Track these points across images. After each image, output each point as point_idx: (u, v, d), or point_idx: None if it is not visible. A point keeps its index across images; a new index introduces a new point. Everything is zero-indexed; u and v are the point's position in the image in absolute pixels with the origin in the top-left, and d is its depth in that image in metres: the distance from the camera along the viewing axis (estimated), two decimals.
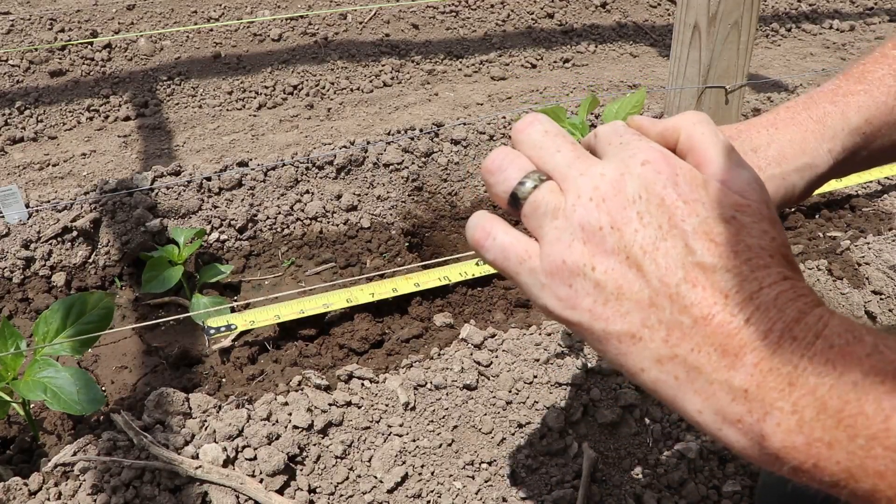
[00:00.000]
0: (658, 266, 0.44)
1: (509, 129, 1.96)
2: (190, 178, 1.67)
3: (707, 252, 0.44)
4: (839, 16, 3.43)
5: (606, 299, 0.45)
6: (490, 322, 1.45)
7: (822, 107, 0.69)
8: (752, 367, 0.41)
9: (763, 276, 0.43)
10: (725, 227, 0.45)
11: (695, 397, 0.43)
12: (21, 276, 1.52)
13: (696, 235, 0.44)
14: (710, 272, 0.43)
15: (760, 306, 0.42)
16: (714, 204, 0.46)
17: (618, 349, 0.45)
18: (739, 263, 0.44)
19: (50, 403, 0.99)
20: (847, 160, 0.69)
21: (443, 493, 0.96)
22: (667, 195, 0.45)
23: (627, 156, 0.47)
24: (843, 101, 0.68)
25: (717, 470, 1.03)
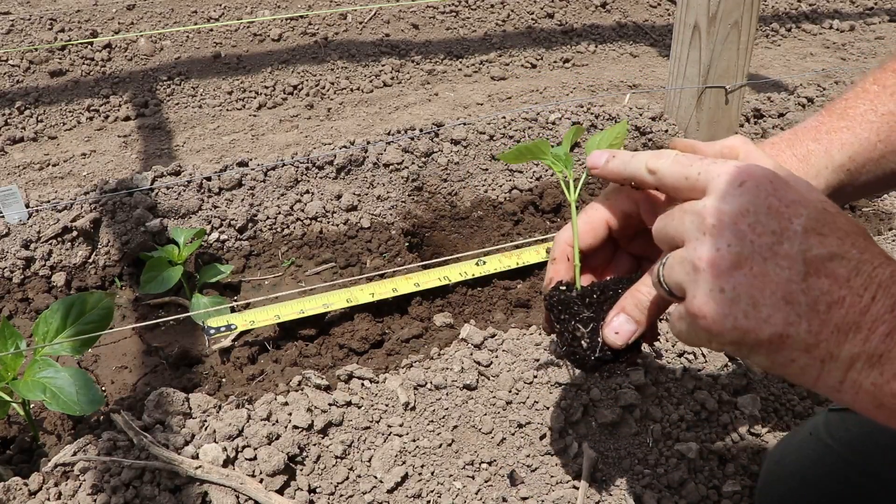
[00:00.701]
0: (781, 268, 0.49)
1: (509, 129, 1.96)
2: (190, 178, 1.67)
3: (820, 245, 0.49)
4: (839, 16, 3.43)
5: (745, 312, 0.49)
6: (490, 322, 1.45)
7: (805, 144, 0.70)
8: (883, 337, 0.47)
9: (870, 256, 0.49)
10: (825, 218, 0.50)
11: (837, 373, 0.49)
12: (21, 276, 1.52)
13: (807, 232, 0.49)
14: (828, 261, 0.48)
15: (881, 284, 0.48)
16: (807, 201, 0.50)
17: (771, 351, 0.50)
18: (847, 248, 0.49)
19: (49, 404, 0.99)
20: (832, 197, 0.70)
21: (443, 493, 0.96)
22: (771, 203, 0.50)
23: (723, 181, 0.52)
24: (827, 139, 0.70)
25: (717, 470, 1.03)
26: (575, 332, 0.69)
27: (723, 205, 0.50)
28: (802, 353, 0.49)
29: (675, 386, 1.10)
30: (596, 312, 0.69)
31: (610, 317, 0.66)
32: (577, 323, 0.69)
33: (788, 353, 0.49)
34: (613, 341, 0.65)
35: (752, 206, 0.50)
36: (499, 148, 1.92)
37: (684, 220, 0.53)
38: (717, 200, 0.51)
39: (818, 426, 0.86)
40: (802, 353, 0.49)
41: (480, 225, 1.80)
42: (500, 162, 1.92)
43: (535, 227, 1.79)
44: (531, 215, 1.83)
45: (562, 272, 0.72)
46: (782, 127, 2.23)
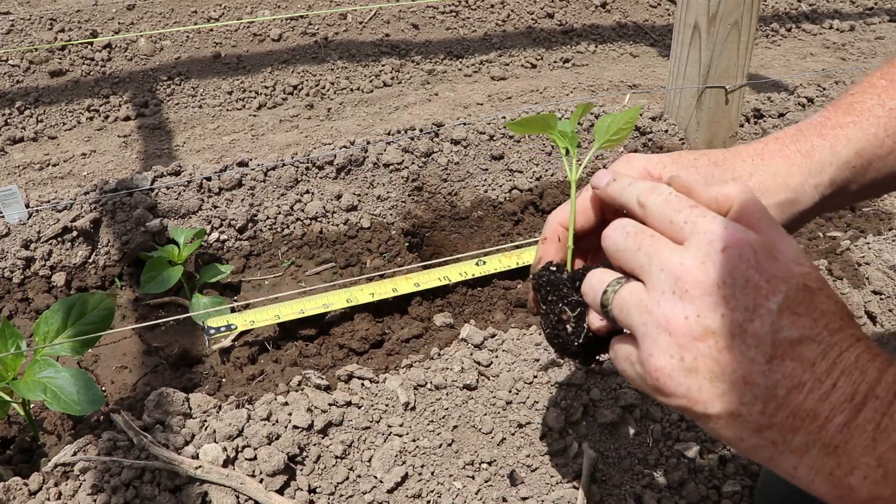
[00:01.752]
0: (748, 346, 0.47)
1: (509, 130, 1.96)
2: (190, 178, 1.67)
3: (792, 326, 0.47)
4: (839, 16, 3.43)
5: (700, 385, 0.48)
6: (490, 322, 1.45)
7: (810, 140, 0.68)
8: (840, 427, 0.45)
9: (840, 339, 0.47)
10: (803, 297, 0.48)
11: (791, 456, 0.47)
12: (21, 276, 1.52)
13: (782, 312, 0.47)
14: (797, 344, 0.47)
15: (845, 370, 0.46)
16: (788, 276, 0.48)
17: (718, 425, 0.49)
18: (819, 330, 0.47)
19: (50, 403, 0.99)
20: (837, 194, 0.68)
21: (443, 493, 0.96)
22: (750, 276, 0.48)
23: (705, 241, 0.50)
24: (832, 134, 0.67)
25: (717, 470, 1.03)
26: (561, 315, 0.68)
27: (700, 270, 0.48)
28: (753, 433, 0.48)
29: None
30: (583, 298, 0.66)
31: None
32: (564, 306, 0.68)
33: (738, 430, 0.48)
34: (599, 327, 0.64)
35: (729, 278, 0.48)
36: (499, 148, 1.92)
37: (653, 263, 0.51)
38: (695, 262, 0.49)
39: None
40: (752, 433, 0.48)
41: (480, 225, 1.80)
42: (500, 162, 1.92)
43: (535, 227, 1.79)
44: (531, 215, 1.83)
45: (551, 252, 0.71)
46: (782, 127, 2.23)
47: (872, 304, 1.26)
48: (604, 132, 0.73)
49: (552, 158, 1.93)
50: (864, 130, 0.67)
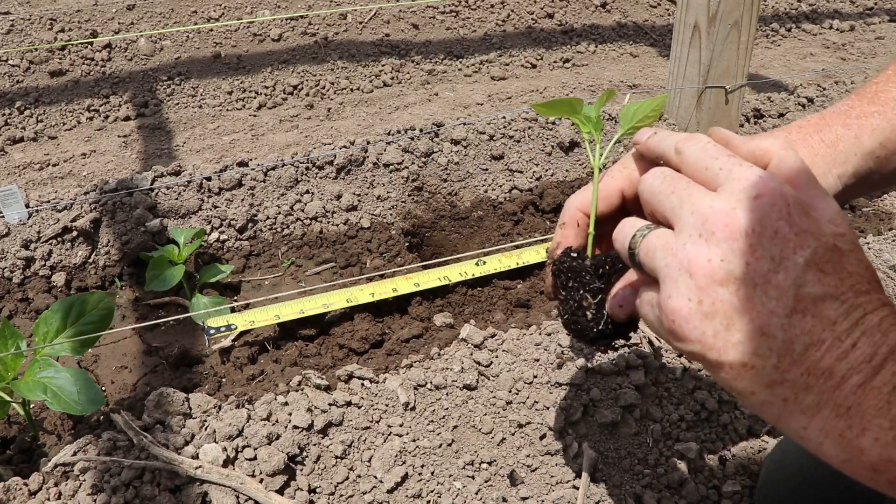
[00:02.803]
0: (769, 297, 0.46)
1: (509, 129, 1.96)
2: (190, 178, 1.67)
3: (817, 283, 0.46)
4: (839, 16, 3.43)
5: (716, 330, 0.47)
6: (490, 322, 1.45)
7: (834, 130, 0.67)
8: (855, 388, 0.44)
9: (865, 301, 0.46)
10: (831, 256, 0.47)
11: (801, 416, 0.46)
12: (21, 276, 1.52)
13: (808, 267, 0.46)
14: (820, 301, 0.46)
15: (866, 331, 0.45)
16: (819, 234, 0.47)
17: (729, 375, 0.48)
18: (845, 290, 0.46)
19: (50, 403, 0.99)
20: (859, 184, 0.68)
21: (443, 493, 0.96)
22: (780, 227, 0.47)
23: (738, 188, 0.49)
24: (857, 124, 0.67)
25: (717, 470, 1.03)
26: (582, 302, 0.67)
27: (729, 215, 0.48)
28: (763, 388, 0.47)
29: (675, 386, 1.10)
30: (605, 284, 0.67)
31: (616, 289, 0.64)
32: (585, 292, 0.67)
33: (749, 383, 0.47)
34: (617, 314, 0.64)
35: (758, 226, 0.47)
36: (499, 148, 1.92)
37: (683, 206, 0.50)
38: (725, 207, 0.48)
39: None
40: (764, 387, 0.47)
41: (480, 225, 1.80)
42: (500, 162, 1.92)
43: (535, 227, 1.79)
44: (531, 215, 1.83)
45: (570, 238, 0.70)
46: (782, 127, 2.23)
47: None
48: (629, 119, 0.73)
49: (552, 158, 1.93)
50: (888, 120, 0.67)
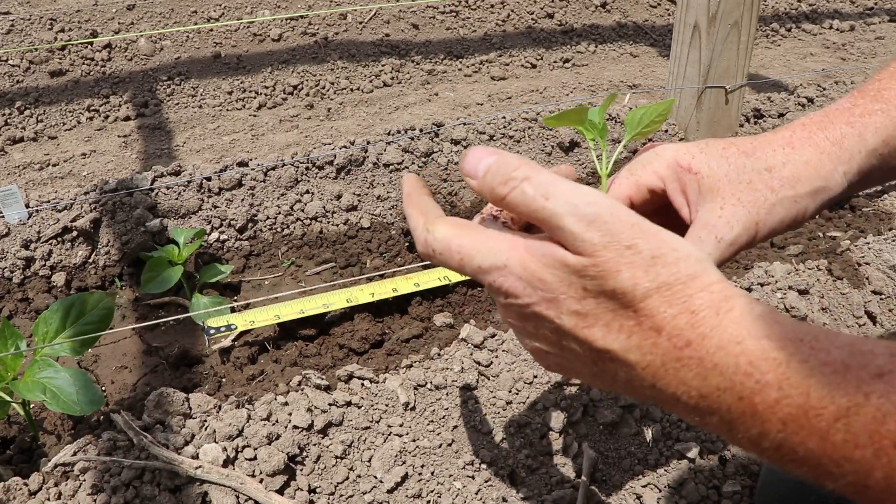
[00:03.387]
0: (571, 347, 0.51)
1: (509, 129, 1.96)
2: (190, 178, 1.67)
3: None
4: (839, 16, 3.43)
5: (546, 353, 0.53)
6: (490, 322, 1.45)
7: (838, 128, 0.68)
8: None
9: None
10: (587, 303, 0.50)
11: None
12: (21, 276, 1.52)
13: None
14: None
15: None
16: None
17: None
18: None
19: (49, 404, 0.99)
20: (862, 181, 0.68)
21: (443, 493, 0.96)
22: None
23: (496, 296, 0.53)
24: (861, 122, 0.67)
25: (717, 470, 1.03)
26: None
27: None
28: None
29: None
30: None
31: None
32: None
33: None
34: None
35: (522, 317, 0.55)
36: (498, 148, 1.92)
37: None
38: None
39: None
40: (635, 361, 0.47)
41: None
42: None
43: None
44: None
45: None
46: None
47: (872, 304, 1.26)
48: (635, 124, 0.72)
49: (552, 158, 1.93)
50: (891, 118, 0.67)
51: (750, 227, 0.64)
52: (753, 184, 0.64)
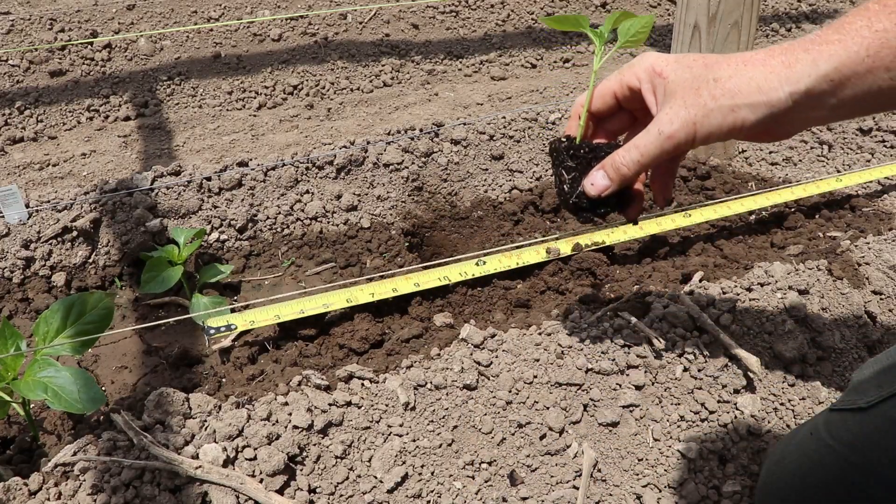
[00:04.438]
0: None
1: (509, 129, 1.96)
2: (190, 178, 1.67)
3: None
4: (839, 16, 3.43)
5: None
6: (490, 322, 1.45)
7: (796, 53, 0.75)
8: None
9: None
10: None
11: None
12: (21, 276, 1.52)
13: None
14: None
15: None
16: None
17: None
18: None
19: (51, 403, 0.99)
20: (814, 105, 0.75)
21: (443, 493, 0.96)
22: None
23: None
24: (817, 50, 0.73)
25: (717, 470, 1.03)
26: (560, 177, 0.88)
27: None
28: None
29: (675, 386, 1.10)
30: (580, 165, 0.87)
31: (593, 170, 0.85)
32: (561, 169, 0.88)
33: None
34: (588, 191, 0.85)
35: None
36: (499, 148, 1.92)
37: None
38: None
39: (818, 426, 0.86)
40: None
41: (480, 225, 1.80)
42: (500, 162, 1.92)
43: (535, 227, 1.79)
44: (531, 215, 1.83)
45: (573, 129, 0.91)
46: None
47: (872, 304, 1.26)
48: (625, 33, 0.92)
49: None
50: (846, 48, 0.71)
51: (688, 125, 0.78)
52: (700, 90, 0.77)
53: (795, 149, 2.15)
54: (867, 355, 1.19)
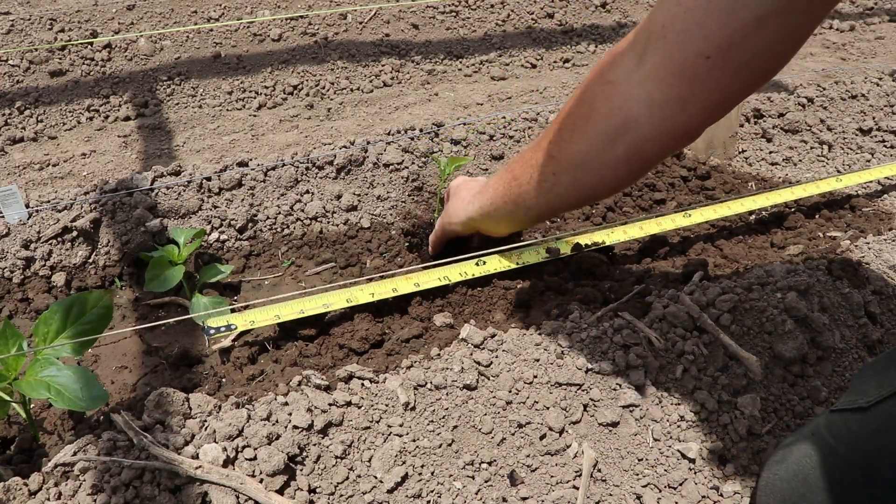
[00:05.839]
0: None
1: (509, 129, 1.96)
2: (190, 178, 1.67)
3: None
4: (839, 16, 3.43)
5: None
6: (490, 322, 1.44)
7: (476, 197, 1.44)
8: None
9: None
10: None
11: None
12: (21, 276, 1.52)
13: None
14: None
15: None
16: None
17: None
18: None
19: (54, 401, 0.99)
20: (483, 223, 1.44)
21: (443, 493, 0.96)
22: None
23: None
24: (479, 197, 1.42)
25: (717, 470, 1.03)
26: None
27: None
28: None
29: (674, 386, 1.10)
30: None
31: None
32: None
33: None
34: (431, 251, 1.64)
35: None
36: (499, 148, 1.92)
37: None
38: None
39: (820, 427, 0.86)
40: None
41: None
42: (500, 162, 1.91)
43: (535, 227, 1.79)
44: None
45: None
46: (782, 127, 2.23)
47: (872, 304, 1.26)
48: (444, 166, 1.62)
49: None
50: (486, 197, 1.37)
51: (439, 224, 1.57)
52: (446, 208, 1.52)
53: (795, 149, 2.15)
54: (867, 355, 1.19)
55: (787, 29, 0.86)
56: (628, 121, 1.01)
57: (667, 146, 1.04)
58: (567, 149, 1.11)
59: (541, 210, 1.24)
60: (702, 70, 0.90)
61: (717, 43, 0.87)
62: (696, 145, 2.08)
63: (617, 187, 1.16)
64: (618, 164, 1.06)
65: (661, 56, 0.93)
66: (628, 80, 0.99)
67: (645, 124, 1.00)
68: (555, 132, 1.14)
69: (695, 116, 0.97)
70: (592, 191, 1.16)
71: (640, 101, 0.98)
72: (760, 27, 0.84)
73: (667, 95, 0.95)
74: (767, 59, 0.90)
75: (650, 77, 0.96)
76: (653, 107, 0.97)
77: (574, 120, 1.10)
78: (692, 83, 0.92)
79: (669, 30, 0.91)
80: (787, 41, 0.88)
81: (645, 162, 1.07)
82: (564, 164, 1.13)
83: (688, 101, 0.94)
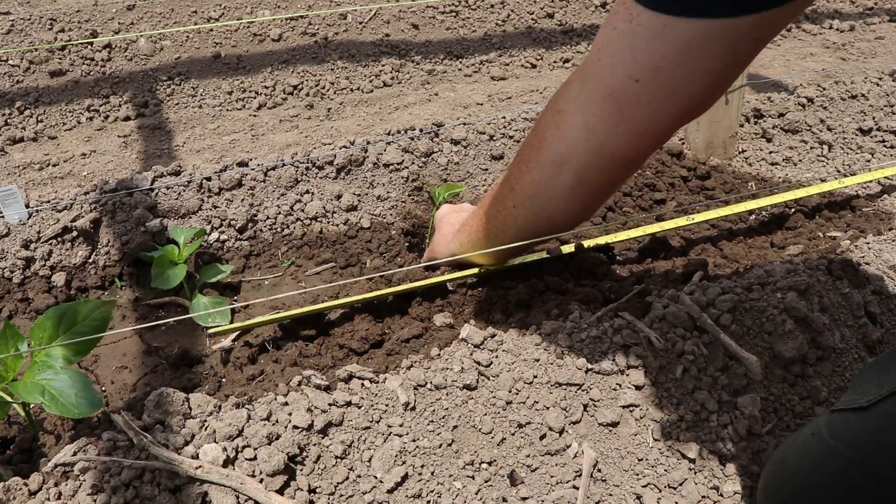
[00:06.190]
0: None
1: (509, 129, 1.96)
2: (190, 178, 1.67)
3: None
4: (839, 16, 3.43)
5: None
6: (490, 322, 1.44)
7: (455, 236, 1.46)
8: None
9: None
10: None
11: None
12: (21, 276, 1.52)
13: None
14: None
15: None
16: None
17: None
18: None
19: (47, 406, 0.99)
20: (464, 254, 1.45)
21: (443, 493, 0.96)
22: None
23: None
24: (457, 237, 1.45)
25: (717, 470, 1.03)
26: None
27: None
28: None
29: (674, 386, 1.10)
30: None
31: None
32: None
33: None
34: None
35: None
36: (499, 148, 1.92)
37: None
38: None
39: (820, 427, 0.86)
40: None
41: None
42: (500, 162, 1.91)
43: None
44: None
45: None
46: (782, 127, 2.23)
47: (872, 304, 1.26)
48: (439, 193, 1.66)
49: None
50: (465, 236, 1.40)
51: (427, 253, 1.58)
52: (433, 242, 1.54)
53: (795, 149, 2.15)
54: (867, 355, 1.19)
55: (718, 54, 0.84)
56: (569, 147, 1.00)
57: (607, 173, 1.02)
58: (522, 180, 1.10)
59: (512, 243, 1.23)
60: (630, 93, 0.89)
61: (645, 65, 0.86)
62: (696, 145, 2.08)
63: (576, 216, 1.14)
64: (566, 192, 1.06)
65: (595, 79, 0.93)
66: (572, 108, 0.98)
67: (583, 151, 0.99)
68: (514, 164, 1.13)
69: (626, 142, 0.95)
70: (550, 222, 1.14)
71: (579, 128, 0.98)
72: (688, 51, 0.83)
73: (598, 118, 0.94)
74: (703, 84, 0.88)
75: (587, 101, 0.95)
76: (588, 131, 0.96)
77: (529, 151, 1.09)
78: (622, 106, 0.91)
79: (604, 52, 0.90)
80: (721, 65, 0.86)
81: (592, 191, 1.05)
82: (521, 195, 1.12)
83: (618, 124, 0.93)
